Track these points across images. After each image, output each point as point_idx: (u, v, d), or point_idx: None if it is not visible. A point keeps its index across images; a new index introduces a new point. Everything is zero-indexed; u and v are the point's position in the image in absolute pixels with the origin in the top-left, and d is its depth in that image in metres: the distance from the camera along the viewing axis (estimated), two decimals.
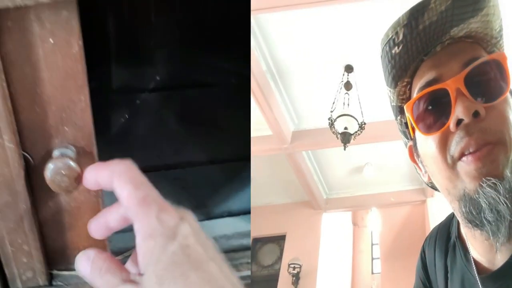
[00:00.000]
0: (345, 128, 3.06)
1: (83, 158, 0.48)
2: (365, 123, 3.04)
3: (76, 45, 0.45)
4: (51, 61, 0.45)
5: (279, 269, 3.86)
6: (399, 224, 4.42)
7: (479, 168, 0.42)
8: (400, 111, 0.53)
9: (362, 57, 2.93)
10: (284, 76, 2.92)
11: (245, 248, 0.72)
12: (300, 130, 3.35)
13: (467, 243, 0.51)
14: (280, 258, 3.91)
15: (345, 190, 4.09)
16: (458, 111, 0.43)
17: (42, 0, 0.41)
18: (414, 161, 0.54)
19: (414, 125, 0.48)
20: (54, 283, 0.53)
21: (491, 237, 0.43)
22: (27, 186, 0.48)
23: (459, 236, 0.53)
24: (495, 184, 0.40)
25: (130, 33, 1.18)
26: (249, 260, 0.76)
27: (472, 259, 0.50)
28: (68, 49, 0.45)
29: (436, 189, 0.52)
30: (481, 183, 0.41)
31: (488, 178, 0.41)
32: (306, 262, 3.76)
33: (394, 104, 0.53)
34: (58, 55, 0.45)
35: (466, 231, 0.50)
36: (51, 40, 0.44)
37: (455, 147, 0.44)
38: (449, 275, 0.55)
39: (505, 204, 0.40)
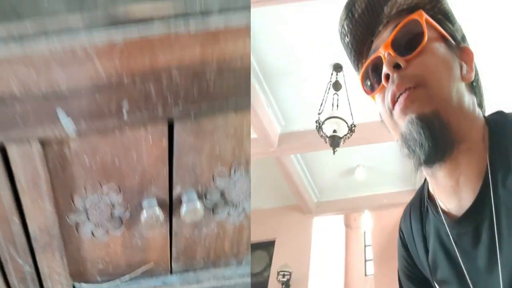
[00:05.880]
0: (334, 131, 2.90)
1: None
2: (355, 126, 2.87)
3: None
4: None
5: (268, 276, 3.72)
6: (392, 225, 4.29)
7: (403, 109, 0.48)
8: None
9: None
10: (269, 76, 2.75)
11: None
12: (288, 132, 3.19)
13: (435, 197, 0.55)
14: (269, 265, 3.76)
15: (336, 192, 3.94)
16: (384, 67, 0.50)
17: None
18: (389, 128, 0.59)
19: (365, 92, 0.55)
20: None
21: (415, 165, 0.49)
22: (61, 232, 0.72)
23: (430, 196, 0.57)
24: (411, 119, 0.47)
25: None
26: None
27: (441, 212, 0.54)
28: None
29: None
30: (407, 121, 0.48)
31: (410, 115, 0.47)
32: (297, 268, 3.62)
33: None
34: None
35: (428, 180, 0.55)
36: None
37: (387, 98, 0.50)
38: (427, 237, 0.58)
39: (419, 135, 0.46)
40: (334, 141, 2.88)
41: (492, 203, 0.47)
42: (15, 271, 0.74)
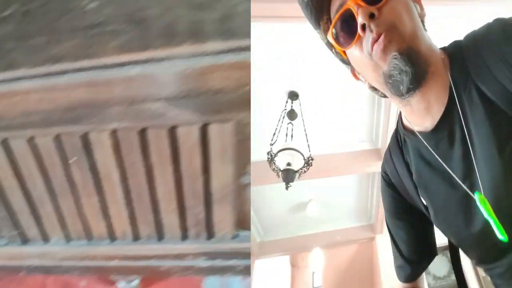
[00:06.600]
0: (288, 164, 2.52)
1: None
2: (312, 159, 2.51)
3: None
4: None
5: None
6: (346, 263, 3.95)
7: (382, 50, 0.55)
8: (331, 45, 0.63)
9: (309, 83, 2.41)
10: None
11: None
12: None
13: (410, 126, 0.63)
14: None
15: (284, 230, 3.52)
16: (359, 19, 0.56)
17: None
18: (357, 78, 0.66)
19: (337, 47, 0.61)
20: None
21: (404, 91, 0.56)
22: (234, 189, 0.96)
23: (405, 128, 0.65)
24: (395, 55, 0.55)
25: None
26: None
27: (417, 133, 0.62)
28: None
29: (376, 92, 0.65)
30: (389, 60, 0.55)
31: (393, 53, 0.54)
32: None
33: (326, 41, 0.64)
34: None
35: (403, 110, 0.63)
36: None
37: (366, 44, 0.56)
38: (408, 162, 0.67)
39: (405, 66, 0.55)
40: (289, 176, 2.48)
41: (458, 106, 0.57)
42: (193, 216, 0.97)
